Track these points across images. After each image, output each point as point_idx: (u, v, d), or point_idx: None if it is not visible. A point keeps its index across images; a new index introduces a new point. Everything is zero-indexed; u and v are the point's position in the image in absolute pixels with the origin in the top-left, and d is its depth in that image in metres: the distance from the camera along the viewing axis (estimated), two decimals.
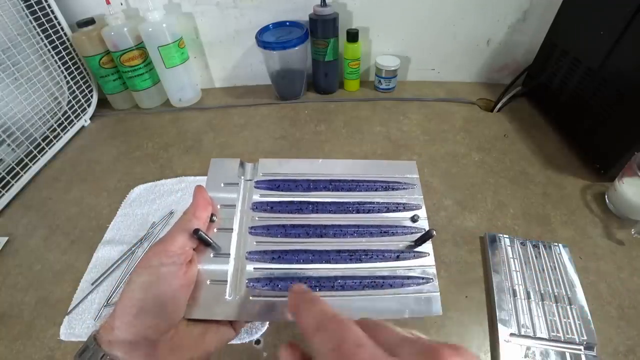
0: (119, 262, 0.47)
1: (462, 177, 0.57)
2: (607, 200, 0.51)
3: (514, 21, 0.72)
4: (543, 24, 0.67)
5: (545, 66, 0.68)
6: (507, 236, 0.47)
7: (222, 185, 0.29)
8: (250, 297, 0.25)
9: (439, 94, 0.79)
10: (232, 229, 0.27)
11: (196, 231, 0.24)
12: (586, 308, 0.39)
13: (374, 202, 0.29)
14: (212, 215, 0.27)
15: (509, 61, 0.78)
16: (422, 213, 0.29)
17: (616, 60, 0.52)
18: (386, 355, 0.14)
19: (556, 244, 0.45)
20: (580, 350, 0.36)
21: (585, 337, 0.37)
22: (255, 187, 0.30)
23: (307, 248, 0.27)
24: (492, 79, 0.81)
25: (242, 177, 0.30)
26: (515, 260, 0.44)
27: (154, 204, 0.55)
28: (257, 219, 0.29)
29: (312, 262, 0.27)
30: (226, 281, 0.25)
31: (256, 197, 0.30)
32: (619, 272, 0.43)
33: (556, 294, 0.41)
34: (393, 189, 0.30)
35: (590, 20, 0.56)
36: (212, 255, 0.26)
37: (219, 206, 0.28)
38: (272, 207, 0.29)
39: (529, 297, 0.40)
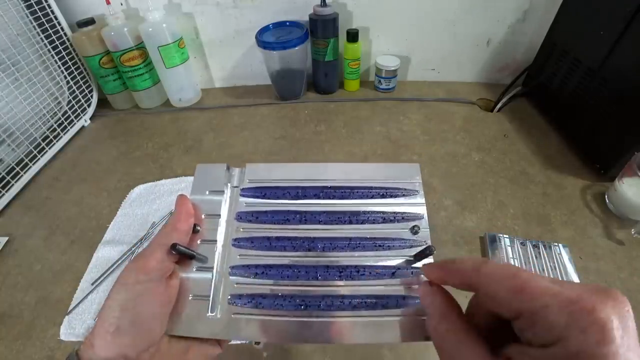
0: (119, 262, 0.47)
1: (462, 177, 0.57)
2: (607, 200, 0.51)
3: (514, 21, 0.72)
4: (543, 24, 0.67)
5: (545, 66, 0.68)
6: (507, 236, 0.47)
7: (207, 192, 0.28)
8: (232, 315, 0.24)
9: (439, 94, 0.79)
10: (215, 241, 0.26)
11: (174, 246, 0.23)
12: None
13: (369, 212, 0.27)
14: (195, 225, 0.26)
15: (509, 61, 0.78)
16: (423, 224, 0.27)
17: (616, 60, 0.52)
18: (565, 285, 0.15)
19: (556, 244, 0.45)
20: None
21: None
22: (241, 194, 0.28)
23: (293, 263, 0.25)
24: (492, 79, 0.81)
25: (229, 184, 0.29)
26: (515, 260, 0.44)
27: (154, 204, 0.55)
28: (241, 230, 0.27)
29: (297, 278, 0.25)
30: (208, 297, 0.24)
31: (242, 206, 0.28)
32: (619, 272, 0.43)
33: None
34: (392, 196, 0.28)
35: (590, 20, 0.56)
36: (195, 268, 0.25)
37: (203, 216, 0.27)
38: (257, 217, 0.27)
39: None
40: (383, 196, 0.28)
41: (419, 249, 0.26)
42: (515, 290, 0.16)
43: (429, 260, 0.25)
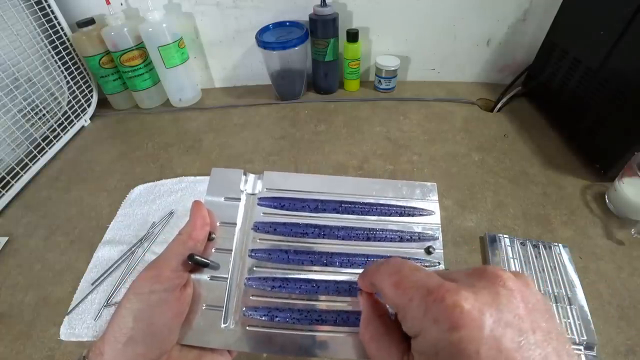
0: (119, 262, 0.47)
1: (462, 177, 0.57)
2: (607, 200, 0.51)
3: (514, 21, 0.72)
4: (543, 24, 0.67)
5: (545, 66, 0.68)
6: (507, 236, 0.47)
7: (223, 199, 0.27)
8: (247, 327, 0.24)
9: (439, 94, 0.79)
10: (231, 250, 0.26)
11: (191, 257, 0.23)
12: (586, 308, 0.39)
13: (386, 230, 0.27)
14: (210, 233, 0.26)
15: (509, 61, 0.78)
16: (437, 244, 0.27)
17: (616, 60, 0.51)
18: (437, 277, 0.16)
19: (556, 244, 0.45)
20: (580, 350, 0.36)
21: (585, 337, 0.37)
22: (258, 204, 0.28)
23: (311, 277, 0.25)
24: (492, 79, 0.81)
25: (245, 191, 0.28)
26: (515, 260, 0.44)
27: (154, 204, 0.55)
28: (258, 240, 0.27)
29: (315, 293, 0.25)
30: (222, 307, 0.24)
31: (259, 216, 0.27)
32: (619, 272, 0.43)
33: (556, 294, 0.41)
34: (409, 215, 0.28)
35: (590, 20, 0.56)
36: (208, 277, 0.25)
37: (218, 223, 0.27)
38: (275, 228, 0.27)
39: None
40: (401, 214, 0.28)
41: (433, 269, 0.26)
42: (394, 285, 0.17)
43: None
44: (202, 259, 0.24)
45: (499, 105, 0.72)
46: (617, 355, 0.36)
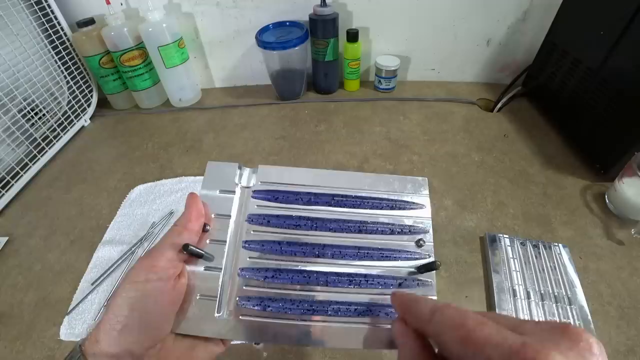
0: (119, 262, 0.47)
1: (462, 177, 0.57)
2: (607, 200, 0.51)
3: (514, 21, 0.72)
4: (543, 24, 0.67)
5: (545, 66, 0.68)
6: (507, 236, 0.47)
7: (218, 192, 0.28)
8: (240, 317, 0.24)
9: (439, 94, 0.79)
10: (225, 242, 0.26)
11: (186, 246, 0.23)
12: (586, 308, 0.39)
13: (377, 223, 0.27)
14: (205, 225, 0.26)
15: (509, 61, 0.78)
16: (428, 237, 0.27)
17: (616, 60, 0.51)
18: (511, 332, 0.14)
19: (556, 244, 0.45)
20: None
21: None
22: (252, 196, 0.28)
23: (303, 268, 0.26)
24: (492, 79, 0.81)
25: (239, 184, 0.29)
26: (515, 260, 0.44)
27: (154, 204, 0.55)
28: (252, 232, 0.27)
29: (307, 283, 0.25)
30: (216, 297, 0.24)
31: (253, 208, 0.28)
32: (619, 272, 0.43)
33: (556, 294, 0.41)
34: (400, 208, 0.28)
35: (590, 20, 0.56)
36: (203, 268, 0.25)
37: (213, 215, 0.27)
38: (268, 220, 0.27)
39: (529, 297, 0.40)
40: (392, 208, 0.28)
41: (423, 261, 0.26)
42: (461, 340, 0.15)
43: (433, 273, 0.26)
44: (197, 250, 0.24)
45: (499, 105, 0.72)
46: (617, 355, 0.36)
